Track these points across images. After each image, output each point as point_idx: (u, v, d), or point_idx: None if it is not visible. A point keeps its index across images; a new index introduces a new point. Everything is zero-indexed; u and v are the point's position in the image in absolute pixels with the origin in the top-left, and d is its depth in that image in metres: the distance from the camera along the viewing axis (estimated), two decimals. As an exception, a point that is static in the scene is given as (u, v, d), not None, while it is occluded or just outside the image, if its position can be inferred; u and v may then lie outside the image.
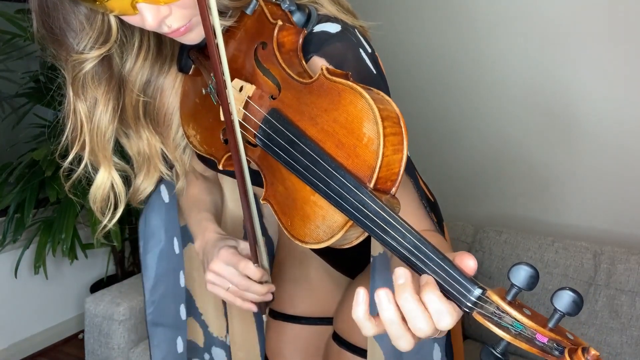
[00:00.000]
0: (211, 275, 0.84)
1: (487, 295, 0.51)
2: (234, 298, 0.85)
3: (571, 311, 0.48)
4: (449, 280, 0.53)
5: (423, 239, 0.55)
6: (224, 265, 0.83)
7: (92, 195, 0.87)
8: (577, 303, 0.48)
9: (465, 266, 0.54)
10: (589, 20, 1.69)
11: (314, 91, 0.65)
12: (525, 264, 0.50)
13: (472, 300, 0.52)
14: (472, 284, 0.52)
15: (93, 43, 0.77)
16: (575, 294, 0.48)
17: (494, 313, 0.50)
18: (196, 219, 0.96)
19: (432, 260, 0.54)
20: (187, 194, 1.01)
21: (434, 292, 0.53)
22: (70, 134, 0.84)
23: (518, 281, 0.50)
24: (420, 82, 2.01)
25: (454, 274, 0.53)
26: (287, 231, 0.67)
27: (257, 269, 0.82)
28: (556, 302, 0.49)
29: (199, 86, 0.85)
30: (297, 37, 0.74)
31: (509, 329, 0.50)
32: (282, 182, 0.68)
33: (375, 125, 0.58)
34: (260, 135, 0.70)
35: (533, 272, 0.50)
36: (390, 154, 0.59)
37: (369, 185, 0.58)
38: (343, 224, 0.61)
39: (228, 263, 0.83)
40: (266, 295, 0.85)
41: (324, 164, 0.61)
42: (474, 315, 0.52)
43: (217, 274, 0.83)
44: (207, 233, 0.91)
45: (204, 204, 0.99)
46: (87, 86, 0.81)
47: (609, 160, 1.73)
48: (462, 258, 0.55)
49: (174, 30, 0.74)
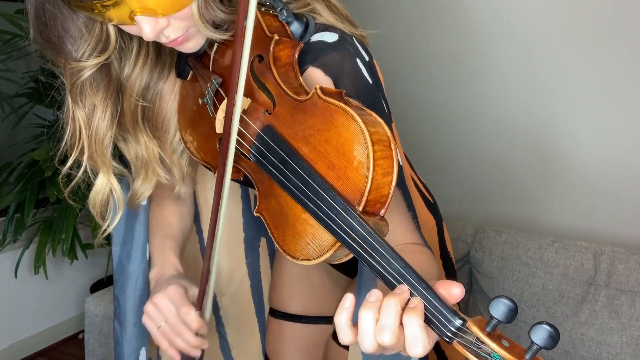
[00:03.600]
0: (150, 308, 0.82)
1: (467, 326, 0.53)
2: (161, 339, 0.82)
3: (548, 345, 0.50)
4: (431, 309, 0.55)
5: (408, 267, 0.56)
6: (167, 302, 0.81)
7: (92, 200, 0.87)
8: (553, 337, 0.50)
9: (450, 294, 0.55)
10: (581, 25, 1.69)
11: (308, 110, 0.65)
12: (506, 297, 0.52)
13: (453, 330, 0.53)
14: (453, 315, 0.53)
15: (91, 51, 0.77)
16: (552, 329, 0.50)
17: (473, 343, 0.52)
18: (160, 246, 0.94)
19: (416, 288, 0.56)
20: (159, 211, 1.00)
21: (418, 319, 0.53)
22: (69, 140, 0.84)
23: (497, 314, 0.52)
24: (421, 83, 2.01)
25: (436, 303, 0.54)
26: (278, 245, 0.67)
27: (196, 318, 0.79)
28: (533, 335, 0.50)
29: (197, 92, 0.85)
30: (293, 51, 0.74)
31: (487, 359, 0.51)
32: (275, 197, 0.68)
33: (365, 150, 0.59)
34: (253, 152, 0.70)
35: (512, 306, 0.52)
36: (380, 177, 0.59)
37: (358, 208, 0.59)
38: (332, 244, 0.62)
39: (171, 301, 0.80)
40: (195, 350, 0.82)
41: (315, 185, 0.62)
42: (454, 345, 0.54)
43: (157, 307, 0.81)
44: (165, 266, 0.90)
45: (172, 229, 0.98)
46: (86, 93, 0.81)
47: (608, 160, 1.73)
48: (447, 286, 0.56)
49: (171, 40, 0.74)
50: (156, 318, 0.82)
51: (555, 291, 1.56)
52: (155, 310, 0.82)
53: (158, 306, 0.81)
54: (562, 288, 1.56)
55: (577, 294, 1.54)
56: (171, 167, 0.94)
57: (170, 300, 0.81)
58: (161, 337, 0.82)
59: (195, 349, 0.82)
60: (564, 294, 1.55)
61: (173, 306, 0.80)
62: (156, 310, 0.81)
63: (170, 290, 0.81)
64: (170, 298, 0.81)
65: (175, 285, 0.82)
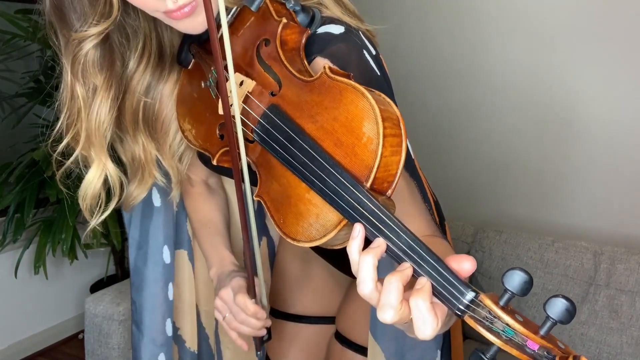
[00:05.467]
0: (218, 302, 0.87)
1: (479, 299, 0.51)
2: (229, 329, 0.88)
3: (564, 319, 0.47)
4: (442, 282, 0.52)
5: (417, 240, 0.55)
6: (231, 293, 0.85)
7: (83, 191, 0.85)
8: (569, 311, 0.47)
9: (461, 268, 0.53)
10: (587, 22, 1.69)
11: (315, 89, 0.65)
12: (520, 269, 0.50)
13: (465, 303, 0.51)
14: (466, 287, 0.51)
15: (96, 22, 0.74)
16: (568, 302, 0.47)
17: (486, 317, 0.50)
18: (211, 244, 0.97)
19: (426, 261, 0.54)
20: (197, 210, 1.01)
21: (425, 300, 0.52)
22: (66, 120, 0.82)
23: (512, 286, 0.50)
24: (423, 84, 2.01)
25: (448, 276, 0.52)
26: (279, 228, 0.66)
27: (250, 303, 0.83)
28: (549, 309, 0.48)
29: (198, 80, 0.84)
30: (301, 37, 0.74)
31: (500, 334, 0.49)
32: (277, 180, 0.68)
33: (375, 125, 0.58)
34: (258, 130, 0.70)
35: (527, 278, 0.50)
36: (388, 154, 0.59)
37: (366, 184, 0.58)
38: (337, 222, 0.61)
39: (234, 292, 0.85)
40: (260, 331, 0.86)
41: (322, 161, 0.61)
42: (465, 319, 0.51)
43: (222, 300, 0.86)
44: (223, 263, 0.93)
45: (215, 224, 1.00)
46: (88, 69, 0.79)
47: (608, 160, 1.73)
48: (459, 259, 0.54)
49: (179, 6, 0.71)
50: (222, 309, 0.86)
51: (555, 291, 1.56)
52: (221, 303, 0.86)
53: (224, 299, 0.86)
54: (562, 288, 1.56)
55: (577, 294, 1.54)
56: (168, 170, 0.93)
57: (233, 291, 0.85)
58: (228, 327, 0.87)
59: (259, 330, 0.86)
60: (564, 294, 1.55)
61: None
62: (222, 303, 0.86)
63: (233, 283, 0.86)
64: (234, 289, 0.85)
65: (238, 278, 0.87)
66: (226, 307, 0.86)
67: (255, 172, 0.72)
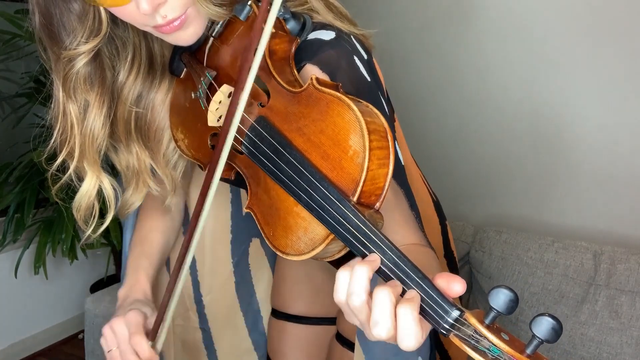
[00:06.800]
0: (107, 330, 0.82)
1: (464, 317, 0.50)
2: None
3: (550, 338, 0.47)
4: (427, 300, 0.52)
5: (403, 257, 0.54)
6: (124, 327, 0.80)
7: (77, 203, 0.85)
8: (556, 330, 0.47)
9: (450, 288, 0.53)
10: (585, 24, 1.69)
11: (303, 101, 0.64)
12: (505, 287, 0.49)
13: (450, 322, 0.51)
14: (451, 306, 0.51)
15: (85, 39, 0.75)
16: (554, 321, 0.47)
17: (472, 336, 0.49)
18: (134, 264, 0.94)
19: (412, 279, 0.53)
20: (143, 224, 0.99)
21: (413, 311, 0.51)
22: (60, 137, 0.82)
23: (497, 305, 0.49)
24: (422, 84, 2.01)
25: (433, 294, 0.52)
26: (269, 241, 0.66)
27: (147, 348, 0.79)
28: (535, 328, 0.47)
29: (190, 90, 0.84)
30: (290, 46, 0.74)
31: (486, 353, 0.49)
32: (267, 192, 0.67)
33: (361, 139, 0.58)
34: (246, 143, 0.69)
35: (512, 296, 0.49)
36: (375, 168, 0.58)
37: (352, 198, 0.58)
38: (324, 237, 0.60)
39: (128, 327, 0.80)
40: None
41: (308, 174, 0.61)
42: (451, 338, 0.51)
43: (113, 331, 0.81)
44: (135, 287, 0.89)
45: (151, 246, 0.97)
46: (79, 87, 0.79)
47: (608, 160, 1.73)
48: (448, 279, 0.53)
49: (168, 21, 0.71)
50: (110, 341, 0.81)
51: (555, 291, 1.56)
52: (110, 333, 0.81)
53: (114, 330, 0.81)
54: (562, 288, 1.56)
55: (577, 294, 1.54)
56: (163, 178, 0.93)
57: (127, 325, 0.80)
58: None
59: None
60: (564, 294, 1.55)
61: (128, 332, 0.80)
62: (112, 334, 0.81)
63: (129, 316, 0.81)
64: (127, 324, 0.80)
65: (136, 312, 0.81)
66: (115, 341, 0.81)
67: (245, 183, 0.72)
